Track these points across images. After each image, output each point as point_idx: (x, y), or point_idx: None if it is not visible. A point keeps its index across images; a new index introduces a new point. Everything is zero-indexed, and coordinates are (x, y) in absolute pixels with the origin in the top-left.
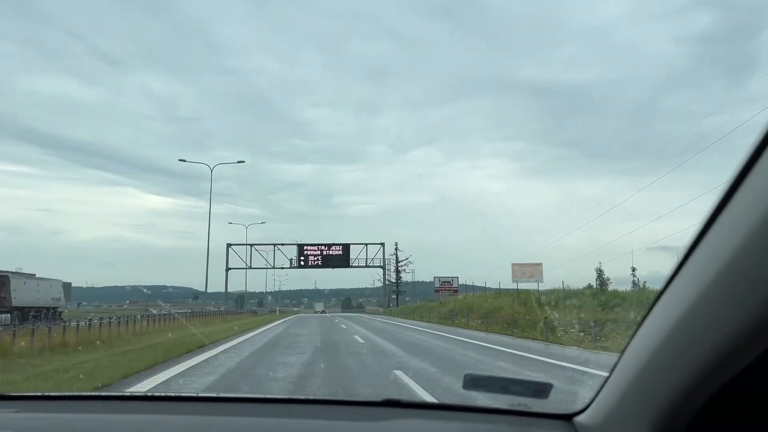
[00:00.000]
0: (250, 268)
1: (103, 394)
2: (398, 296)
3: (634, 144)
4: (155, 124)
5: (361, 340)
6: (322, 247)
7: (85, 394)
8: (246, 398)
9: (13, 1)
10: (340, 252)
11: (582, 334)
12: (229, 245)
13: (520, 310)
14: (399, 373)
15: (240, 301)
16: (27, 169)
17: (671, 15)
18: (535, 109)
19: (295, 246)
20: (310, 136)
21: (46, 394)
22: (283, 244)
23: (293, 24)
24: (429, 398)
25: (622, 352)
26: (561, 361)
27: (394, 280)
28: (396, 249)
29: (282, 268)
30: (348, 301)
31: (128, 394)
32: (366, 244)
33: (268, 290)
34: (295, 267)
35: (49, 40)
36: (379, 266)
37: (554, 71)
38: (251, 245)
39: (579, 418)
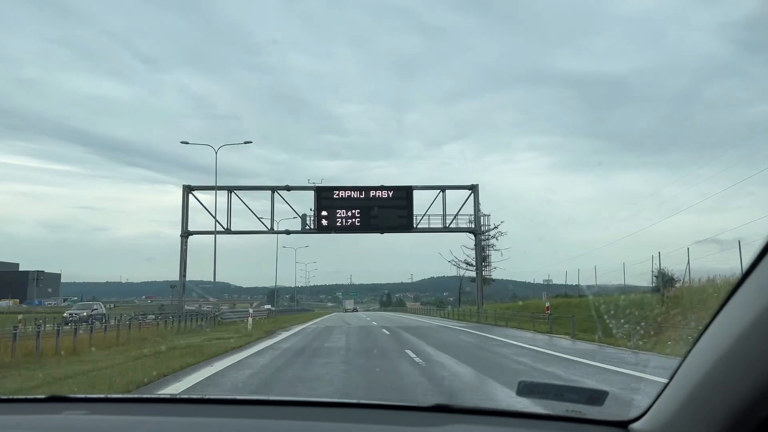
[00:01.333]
0: (229, 232)
1: (177, 396)
2: (481, 289)
3: (675, 135)
4: (192, 122)
5: None
6: (363, 195)
7: (153, 396)
8: (293, 401)
9: (51, 3)
10: (396, 201)
11: None
12: (188, 188)
13: None
14: None
15: (271, 298)
16: (70, 168)
17: (714, 0)
18: (571, 101)
19: (312, 192)
20: (343, 132)
21: (110, 396)
22: (288, 188)
23: (324, 20)
24: None
25: (683, 358)
26: None
27: (468, 265)
28: (480, 214)
29: (287, 232)
30: (388, 297)
31: (196, 397)
32: (443, 188)
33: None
34: (311, 231)
35: (87, 41)
36: (469, 229)
37: (590, 61)
38: (230, 189)
39: (635, 425)
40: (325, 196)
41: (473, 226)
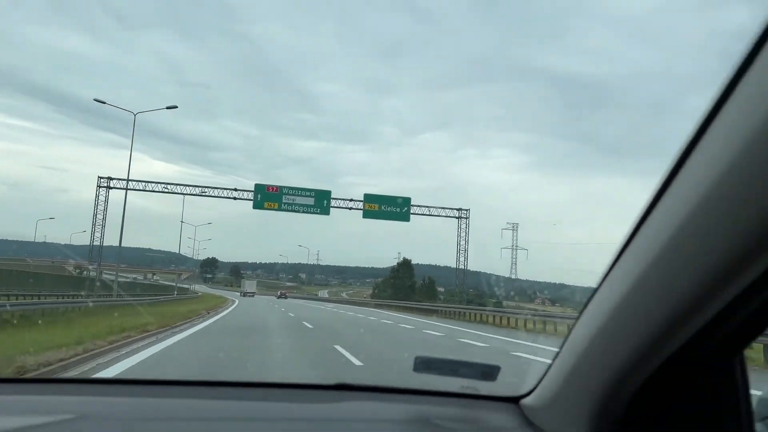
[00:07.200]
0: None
1: (87, 378)
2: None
3: (651, 143)
4: (163, 87)
5: None
6: None
7: (65, 377)
8: (198, 381)
9: None
10: None
11: None
12: None
13: None
14: None
15: (209, 267)
16: (33, 125)
17: (710, 7)
18: (552, 100)
19: None
20: (320, 112)
21: (24, 377)
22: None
23: None
24: None
25: (567, 335)
26: None
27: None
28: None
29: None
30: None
31: (104, 378)
32: None
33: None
34: None
35: None
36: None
37: (575, 61)
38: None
39: (525, 401)
40: None
41: None
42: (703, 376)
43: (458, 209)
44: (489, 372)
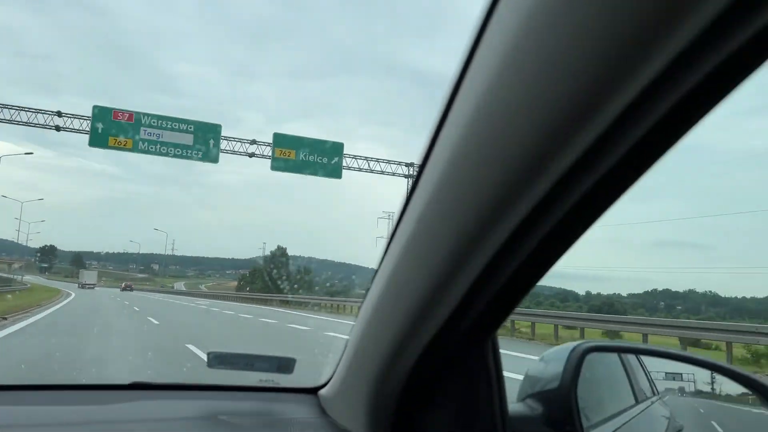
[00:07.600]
0: None
1: None
2: None
3: None
4: None
5: None
6: None
7: None
8: None
9: None
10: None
11: None
12: None
13: None
14: None
15: (47, 256)
16: None
17: None
18: (416, 97)
19: None
20: (177, 93)
21: None
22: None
23: None
24: None
25: (356, 321)
26: None
27: None
28: None
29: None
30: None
31: None
32: None
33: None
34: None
35: None
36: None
37: (441, 61)
38: None
39: (322, 391)
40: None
41: None
42: (463, 361)
43: (408, 164)
44: (285, 365)
